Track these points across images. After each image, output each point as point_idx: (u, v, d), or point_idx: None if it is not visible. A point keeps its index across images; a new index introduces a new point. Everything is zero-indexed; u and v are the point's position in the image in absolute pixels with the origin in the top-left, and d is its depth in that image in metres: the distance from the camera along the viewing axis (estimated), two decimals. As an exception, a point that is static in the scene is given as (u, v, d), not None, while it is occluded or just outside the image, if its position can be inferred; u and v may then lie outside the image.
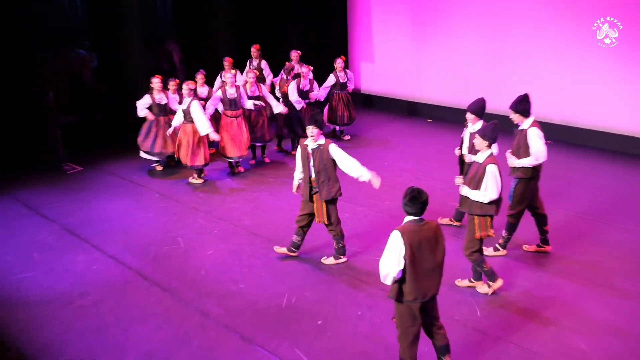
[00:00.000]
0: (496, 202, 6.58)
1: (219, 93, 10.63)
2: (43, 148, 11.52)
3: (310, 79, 11.75)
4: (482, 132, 6.57)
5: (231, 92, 10.56)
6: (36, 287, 7.51)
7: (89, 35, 15.06)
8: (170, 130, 10.47)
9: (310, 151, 7.29)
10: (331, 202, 7.46)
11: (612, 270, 7.39)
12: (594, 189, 9.75)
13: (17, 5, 11.07)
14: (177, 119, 10.35)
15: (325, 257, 7.79)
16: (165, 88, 10.91)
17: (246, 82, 11.01)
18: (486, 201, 6.51)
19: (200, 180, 10.55)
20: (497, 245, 7.78)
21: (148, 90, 10.87)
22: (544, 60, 11.87)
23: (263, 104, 11.11)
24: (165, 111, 10.88)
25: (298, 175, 7.58)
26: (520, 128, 7.41)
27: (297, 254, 7.90)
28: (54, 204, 9.92)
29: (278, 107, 11.22)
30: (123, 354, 6.22)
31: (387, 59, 14.52)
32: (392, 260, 5.01)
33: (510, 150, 7.54)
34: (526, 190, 7.44)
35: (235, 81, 10.80)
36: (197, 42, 14.15)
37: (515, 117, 7.40)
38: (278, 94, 11.89)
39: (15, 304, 7.16)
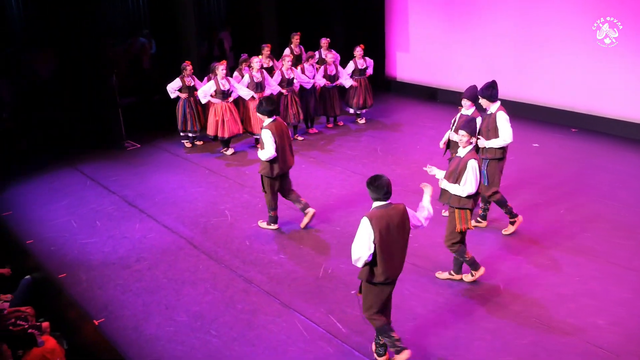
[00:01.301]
0: (473, 196, 6.29)
1: (247, 77, 10.86)
2: (106, 126, 11.69)
3: (335, 64, 11.84)
4: (463, 127, 6.25)
5: (257, 76, 10.80)
6: (98, 252, 7.67)
7: (149, 24, 15.20)
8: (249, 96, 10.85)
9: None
10: None
11: (630, 251, 7.19)
12: (614, 174, 9.48)
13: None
14: (246, 93, 10.75)
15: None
16: (194, 73, 11.17)
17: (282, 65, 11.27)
18: (464, 195, 6.21)
19: (230, 152, 11.01)
20: (477, 220, 7.79)
21: (201, 74, 10.94)
22: (569, 50, 11.53)
23: (283, 90, 11.19)
24: (192, 92, 11.10)
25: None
26: (488, 112, 7.34)
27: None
28: (115, 177, 10.08)
29: (308, 84, 11.49)
30: (175, 313, 6.32)
31: (421, 48, 14.29)
32: (362, 245, 4.97)
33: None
34: (497, 170, 7.38)
35: (261, 66, 11.02)
36: (246, 31, 14.13)
37: (483, 102, 7.36)
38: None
39: (79, 267, 7.34)
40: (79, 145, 11.66)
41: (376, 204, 5.08)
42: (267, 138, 7.44)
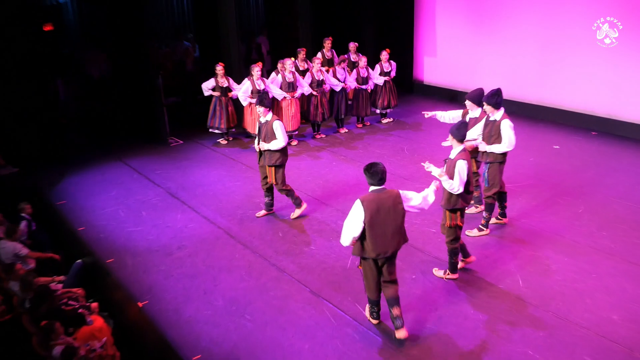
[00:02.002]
0: (462, 196, 6.16)
1: (279, 77, 10.90)
2: (152, 124, 11.87)
3: (367, 67, 11.84)
4: (452, 132, 6.18)
5: (289, 77, 10.88)
6: (143, 239, 7.79)
7: (193, 29, 15.38)
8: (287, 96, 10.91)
9: None
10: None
11: (646, 251, 7.04)
12: (632, 176, 9.26)
13: (133, 6, 11.38)
14: (279, 93, 10.81)
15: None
16: (226, 74, 11.24)
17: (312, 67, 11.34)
18: (454, 191, 6.08)
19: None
20: (480, 226, 7.51)
21: (240, 76, 11.04)
22: (591, 56, 11.30)
23: (313, 92, 11.22)
24: (226, 92, 11.16)
25: None
26: (492, 119, 7.16)
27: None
28: (159, 171, 10.21)
29: (338, 86, 11.51)
30: (212, 298, 6.39)
31: (447, 53, 14.16)
32: (352, 223, 5.25)
33: (479, 135, 7.38)
34: (498, 172, 7.23)
35: (295, 68, 11.14)
36: (282, 35, 14.19)
37: (487, 109, 7.18)
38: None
39: (126, 252, 7.46)
40: (127, 140, 11.86)
41: (371, 188, 5.31)
42: (281, 128, 7.68)
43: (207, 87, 11.17)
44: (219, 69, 11.07)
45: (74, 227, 8.25)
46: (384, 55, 12.01)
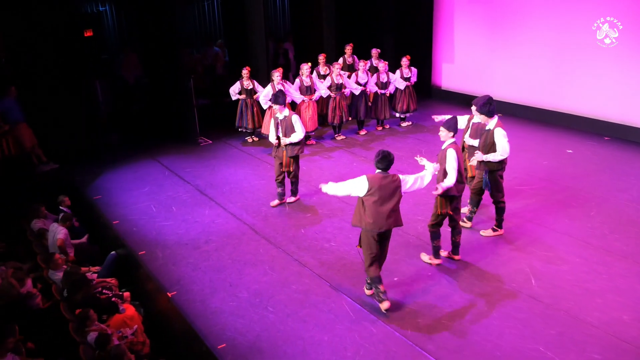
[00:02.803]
0: (455, 186, 6.27)
1: (298, 82, 10.89)
2: (183, 124, 11.94)
3: (386, 72, 11.76)
4: (446, 125, 6.37)
5: (307, 81, 10.86)
6: (173, 233, 7.84)
7: (222, 35, 15.43)
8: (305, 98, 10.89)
9: None
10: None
11: (657, 253, 6.88)
12: (645, 181, 9.08)
13: (167, 13, 11.47)
14: (298, 97, 10.81)
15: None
16: (252, 77, 11.25)
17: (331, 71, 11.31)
18: (448, 183, 6.19)
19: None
20: (494, 227, 7.37)
21: (267, 79, 11.07)
22: (601, 62, 11.06)
23: (331, 94, 11.20)
24: (251, 94, 11.18)
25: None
26: (487, 128, 6.97)
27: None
28: (189, 169, 10.27)
29: (357, 90, 11.46)
30: (237, 290, 6.41)
31: (464, 60, 14.01)
32: (350, 187, 5.72)
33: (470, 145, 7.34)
34: (497, 181, 7.06)
35: (311, 73, 11.09)
36: (307, 41, 14.18)
37: (481, 118, 7.00)
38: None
39: (157, 245, 7.52)
40: (159, 140, 11.95)
41: (377, 171, 5.72)
42: (299, 122, 8.06)
43: (234, 91, 11.20)
44: (245, 72, 11.11)
45: (109, 220, 8.33)
46: (405, 61, 11.93)
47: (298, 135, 8.05)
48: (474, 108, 7.34)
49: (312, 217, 8.15)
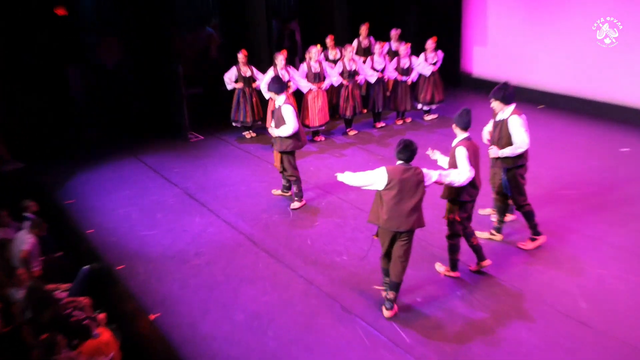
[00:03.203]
0: (465, 189, 6.28)
1: (304, 67, 10.84)
2: (170, 117, 11.91)
3: (409, 56, 11.67)
4: (457, 119, 6.43)
5: (315, 66, 10.80)
6: (157, 244, 7.79)
7: (218, 13, 15.37)
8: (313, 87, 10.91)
9: None
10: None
11: None
12: None
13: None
14: (304, 85, 10.80)
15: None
16: (249, 62, 11.22)
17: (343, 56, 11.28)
18: (463, 180, 6.15)
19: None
20: (531, 237, 7.30)
21: (269, 65, 11.01)
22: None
23: (343, 81, 11.19)
24: (249, 82, 11.15)
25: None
26: (500, 118, 6.92)
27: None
28: (177, 169, 10.24)
29: (373, 77, 11.40)
30: (231, 312, 6.33)
31: (501, 42, 13.89)
32: (367, 179, 5.88)
33: (488, 139, 7.26)
34: (517, 179, 6.98)
35: (326, 58, 11.17)
36: (316, 21, 14.11)
37: (495, 105, 6.94)
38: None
39: (138, 259, 7.47)
40: (142, 135, 11.95)
41: (399, 162, 5.86)
42: (290, 114, 8.04)
43: (229, 78, 11.16)
44: (241, 56, 11.06)
45: (83, 229, 8.30)
46: (430, 44, 11.83)
47: (286, 128, 8.06)
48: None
49: (321, 226, 8.08)
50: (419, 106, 12.32)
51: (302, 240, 7.73)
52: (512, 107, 6.89)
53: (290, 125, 8.05)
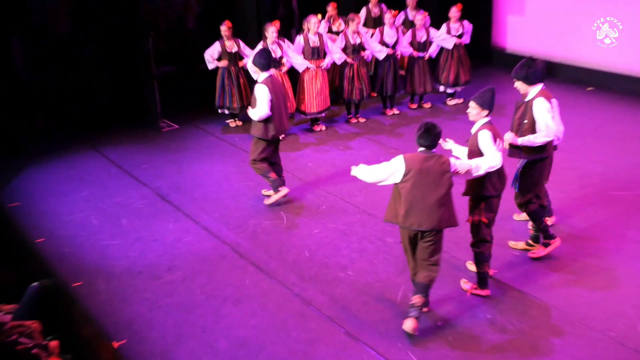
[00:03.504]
0: (491, 181, 6.36)
1: (301, 41, 10.90)
2: (137, 101, 11.90)
3: (426, 28, 11.68)
4: (479, 100, 6.47)
5: (314, 40, 10.83)
6: (122, 257, 7.79)
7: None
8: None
9: None
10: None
11: None
12: None
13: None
14: (299, 62, 10.89)
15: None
16: (232, 35, 11.25)
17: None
18: (498, 162, 6.23)
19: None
20: (544, 242, 7.37)
21: (259, 39, 11.05)
22: None
23: (347, 59, 11.23)
24: (236, 60, 11.24)
25: None
26: (525, 100, 7.00)
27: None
28: (146, 165, 10.27)
29: (381, 53, 11.47)
30: (212, 338, 6.34)
31: (539, 11, 13.91)
32: (382, 172, 6.05)
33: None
34: (533, 173, 7.04)
35: (319, 28, 11.09)
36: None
37: (518, 85, 7.01)
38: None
39: (99, 274, 7.46)
40: (104, 123, 11.95)
41: (420, 150, 6.01)
42: (262, 95, 8.28)
43: (211, 55, 11.16)
44: (224, 29, 11.09)
45: (31, 238, 8.29)
46: (454, 12, 11.86)
47: (254, 112, 8.36)
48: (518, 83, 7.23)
49: (321, 234, 8.11)
50: (441, 88, 12.34)
51: (299, 252, 7.74)
52: (539, 87, 6.95)
53: (258, 108, 8.30)
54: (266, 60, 8.35)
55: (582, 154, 10.11)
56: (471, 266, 6.99)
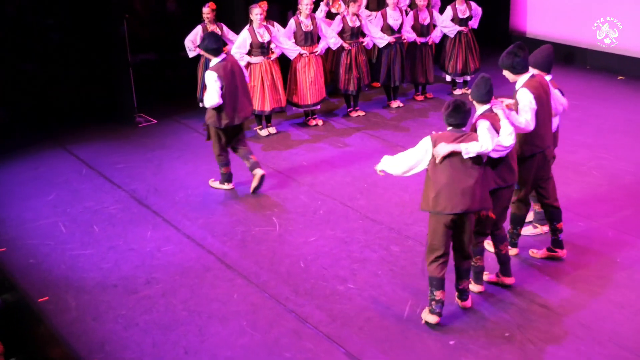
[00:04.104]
0: (499, 173, 6.59)
1: (292, 24, 10.95)
2: (110, 93, 11.88)
3: (430, 10, 11.71)
4: (472, 90, 6.72)
5: (306, 23, 10.87)
6: (94, 269, 7.78)
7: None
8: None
9: None
10: None
11: None
12: None
13: None
14: (290, 48, 10.93)
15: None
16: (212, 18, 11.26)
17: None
18: (486, 149, 6.28)
19: (264, 132, 11.25)
20: (549, 247, 7.58)
21: (245, 22, 11.05)
22: None
23: (344, 44, 11.30)
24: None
25: None
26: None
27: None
28: (121, 165, 10.27)
29: (382, 40, 11.52)
30: (196, 359, 6.35)
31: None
32: (413, 157, 6.34)
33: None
34: (522, 170, 7.05)
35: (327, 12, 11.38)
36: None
37: (506, 74, 7.13)
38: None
39: (68, 288, 7.45)
40: (72, 118, 11.93)
41: (448, 129, 6.31)
42: (212, 82, 8.64)
43: (192, 42, 11.16)
44: (207, 11, 11.08)
45: (-9, 247, 8.31)
46: None
47: (206, 99, 8.75)
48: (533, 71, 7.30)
49: (318, 242, 8.12)
50: (448, 78, 12.38)
51: (293, 262, 7.75)
52: (526, 76, 7.04)
53: (208, 97, 8.68)
54: (216, 45, 8.75)
55: (611, 151, 10.14)
56: (475, 287, 7.07)
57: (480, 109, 6.63)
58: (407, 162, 6.38)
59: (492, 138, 6.34)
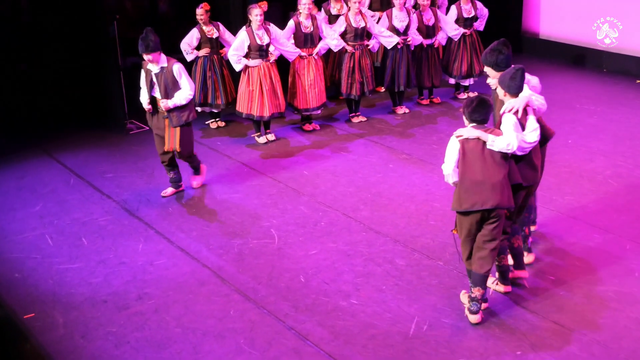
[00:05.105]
0: (520, 169, 6.76)
1: (292, 25, 10.99)
2: (100, 99, 11.90)
3: (434, 10, 11.74)
4: (501, 79, 6.84)
5: (307, 25, 10.88)
6: (83, 284, 7.78)
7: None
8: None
9: None
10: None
11: None
12: None
13: None
14: (290, 50, 10.96)
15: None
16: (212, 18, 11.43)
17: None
18: (536, 137, 6.62)
19: (262, 140, 11.22)
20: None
21: (243, 23, 11.11)
22: None
23: (346, 46, 11.31)
24: (217, 47, 11.38)
25: None
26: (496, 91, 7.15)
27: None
28: (111, 174, 10.29)
29: (392, 40, 11.56)
30: (190, 381, 6.38)
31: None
32: (448, 161, 6.63)
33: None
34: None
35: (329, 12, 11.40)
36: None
37: (488, 71, 7.24)
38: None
39: (55, 304, 7.45)
40: (60, 125, 11.95)
41: (471, 124, 6.56)
42: (184, 73, 8.98)
43: (189, 45, 11.18)
44: (200, 12, 11.14)
45: (-26, 261, 8.31)
46: None
47: (184, 92, 8.93)
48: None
49: (320, 256, 8.13)
50: (452, 81, 12.42)
51: (293, 277, 7.76)
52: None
53: (187, 88, 8.95)
54: (151, 40, 8.86)
55: (631, 159, 10.16)
56: (493, 286, 7.31)
57: (510, 102, 6.70)
58: (450, 162, 6.59)
59: (517, 137, 6.50)
